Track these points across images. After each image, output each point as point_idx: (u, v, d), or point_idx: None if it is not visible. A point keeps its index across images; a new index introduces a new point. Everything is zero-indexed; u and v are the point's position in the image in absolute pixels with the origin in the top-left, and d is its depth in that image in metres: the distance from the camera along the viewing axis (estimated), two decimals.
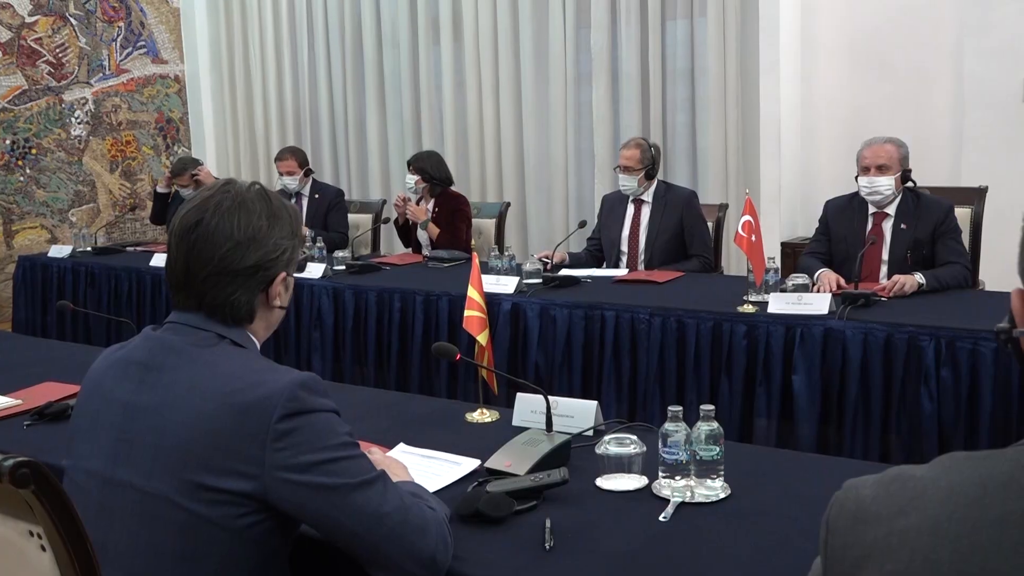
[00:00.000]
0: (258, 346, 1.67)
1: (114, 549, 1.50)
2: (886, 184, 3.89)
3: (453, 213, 5.39)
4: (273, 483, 1.46)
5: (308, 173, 6.00)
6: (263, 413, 1.46)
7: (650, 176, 4.70)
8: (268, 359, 1.64)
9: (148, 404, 1.54)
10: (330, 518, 1.49)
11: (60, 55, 7.17)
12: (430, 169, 5.42)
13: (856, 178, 3.97)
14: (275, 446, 1.46)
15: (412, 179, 5.43)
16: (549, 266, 4.49)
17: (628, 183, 4.66)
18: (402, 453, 2.14)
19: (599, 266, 4.80)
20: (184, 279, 1.60)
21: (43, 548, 1.23)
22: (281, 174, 5.93)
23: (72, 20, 7.20)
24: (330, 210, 5.86)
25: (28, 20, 6.95)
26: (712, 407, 1.88)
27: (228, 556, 1.49)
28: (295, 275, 1.72)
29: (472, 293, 2.52)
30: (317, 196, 5.92)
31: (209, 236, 1.56)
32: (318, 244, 5.02)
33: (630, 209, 4.74)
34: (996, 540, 0.86)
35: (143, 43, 7.63)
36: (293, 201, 5.94)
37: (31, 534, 1.24)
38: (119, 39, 7.48)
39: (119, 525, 1.51)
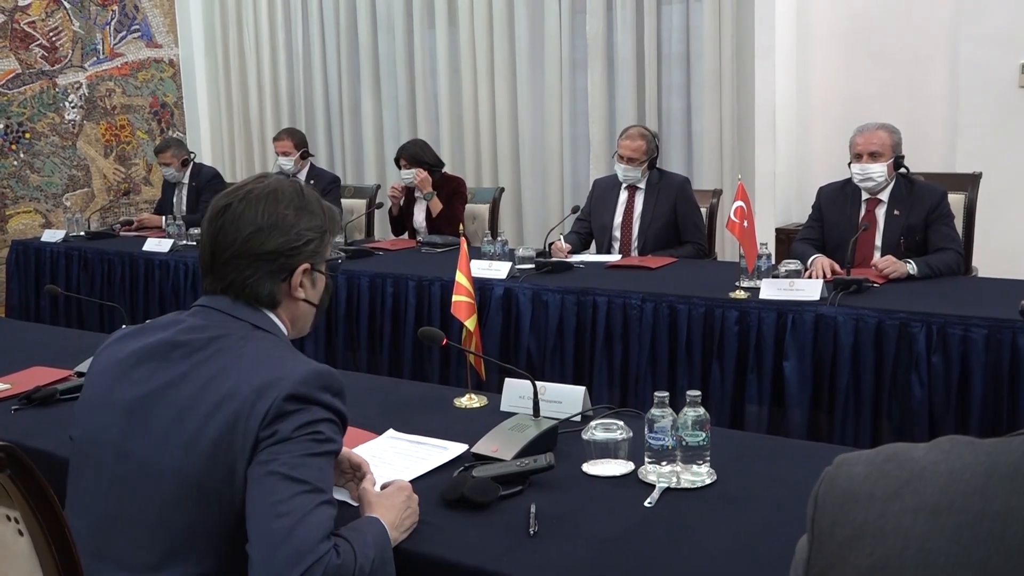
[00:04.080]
0: (287, 335, 1.69)
1: (126, 521, 1.51)
2: (878, 171, 3.88)
3: (451, 195, 5.37)
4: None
5: (305, 156, 5.99)
6: (274, 391, 1.48)
7: (651, 166, 4.69)
8: (294, 348, 1.66)
9: (169, 380, 1.56)
10: (248, 488, 1.46)
11: (54, 39, 7.13)
12: (424, 157, 5.39)
13: (849, 164, 3.96)
14: (272, 420, 1.47)
15: (411, 173, 5.36)
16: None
17: (631, 174, 4.63)
18: (391, 439, 2.14)
19: (585, 249, 4.80)
20: (210, 261, 1.65)
21: (20, 533, 1.23)
22: (278, 154, 5.92)
23: (66, 3, 7.16)
24: (324, 195, 5.83)
25: (21, 3, 6.92)
26: (698, 393, 1.87)
27: (237, 530, 1.47)
28: (330, 273, 1.75)
29: (460, 278, 2.51)
30: (312, 182, 5.90)
31: (235, 220, 1.62)
32: None
33: (623, 195, 4.73)
34: (999, 536, 0.82)
35: (137, 27, 7.60)
36: None
37: (8, 519, 1.23)
38: (113, 23, 7.44)
39: (132, 498, 1.52)
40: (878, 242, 3.94)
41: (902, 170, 3.95)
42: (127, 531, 1.52)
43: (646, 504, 1.76)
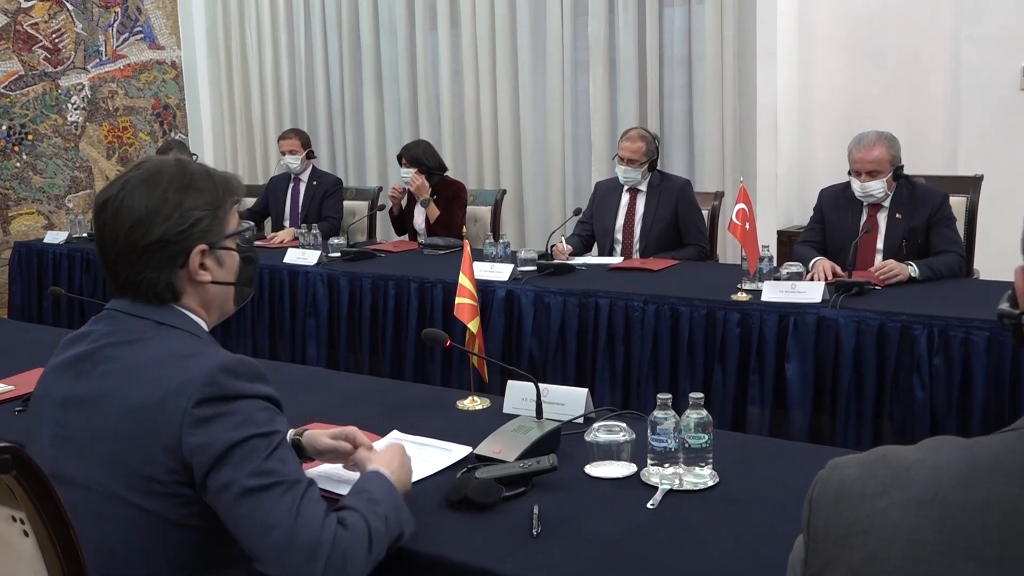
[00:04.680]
0: (203, 325, 1.61)
1: None
2: (878, 187, 3.89)
3: (451, 200, 5.38)
4: (192, 470, 1.42)
5: (310, 156, 6.00)
6: (181, 398, 1.41)
7: (651, 168, 4.70)
8: (207, 341, 1.59)
9: (82, 398, 1.51)
10: (226, 517, 1.42)
11: (56, 40, 7.14)
12: (424, 159, 5.40)
13: (849, 173, 3.97)
14: (190, 431, 1.41)
15: (409, 172, 5.39)
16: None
17: (631, 175, 4.64)
18: (395, 441, 2.14)
19: (587, 251, 4.80)
20: (102, 261, 1.57)
21: (26, 533, 1.23)
22: (284, 153, 5.91)
23: (69, 5, 7.17)
24: (326, 197, 5.85)
25: (24, 5, 6.93)
26: (701, 395, 1.88)
27: (179, 548, 1.45)
28: (241, 247, 1.64)
29: (463, 280, 2.51)
30: (315, 183, 5.92)
31: (114, 215, 1.53)
32: (313, 231, 5.02)
33: (625, 198, 4.74)
34: (980, 524, 0.86)
35: (140, 29, 7.61)
36: (292, 185, 5.93)
37: (13, 519, 1.24)
38: (116, 24, 7.45)
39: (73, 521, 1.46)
40: (880, 245, 3.94)
41: (902, 176, 3.95)
42: None
43: (648, 506, 1.76)
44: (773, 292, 3.46)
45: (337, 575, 1.41)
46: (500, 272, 4.08)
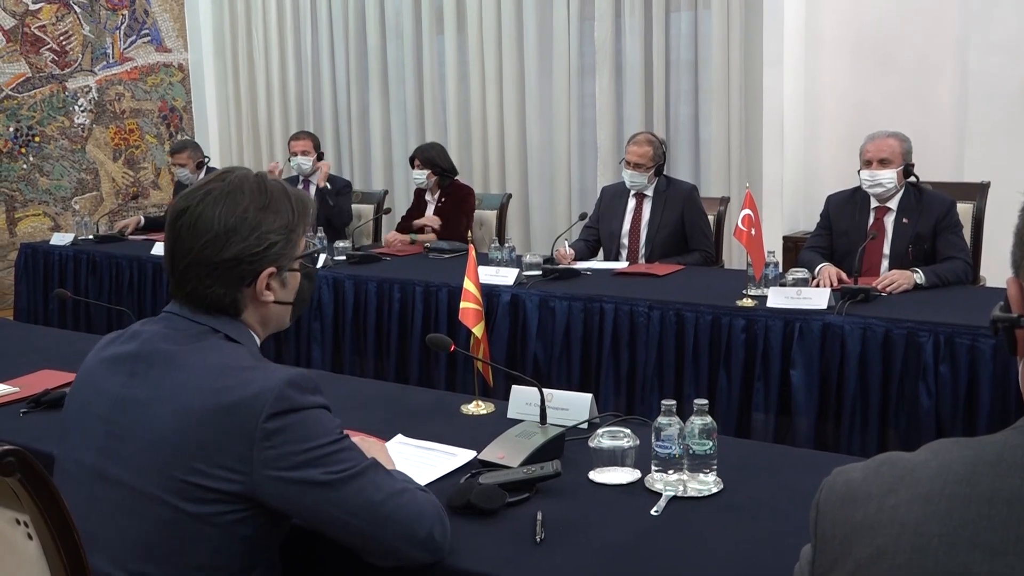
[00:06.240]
0: (257, 340, 1.65)
1: (103, 541, 1.48)
2: (888, 177, 3.88)
3: (457, 203, 5.41)
4: (263, 482, 1.44)
5: (320, 158, 6.00)
6: (251, 412, 1.44)
7: (658, 173, 4.69)
8: (261, 355, 1.62)
9: (138, 398, 1.52)
10: (324, 512, 1.48)
11: (64, 43, 7.16)
12: (438, 161, 5.44)
13: (858, 172, 3.96)
14: (264, 445, 1.44)
15: (422, 174, 5.43)
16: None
17: (637, 180, 4.63)
18: (399, 444, 2.14)
19: (593, 256, 4.80)
20: (170, 267, 1.59)
21: (30, 536, 1.23)
22: (296, 154, 5.87)
23: (76, 8, 7.20)
24: (337, 195, 5.85)
25: (32, 7, 6.95)
26: (706, 401, 1.87)
27: (216, 552, 1.47)
28: (305, 268, 1.69)
29: (468, 285, 2.51)
30: (326, 185, 5.90)
31: (192, 226, 1.54)
32: (319, 235, 5.02)
33: (631, 203, 4.73)
34: (985, 515, 0.88)
35: (147, 31, 7.63)
36: (301, 186, 5.92)
37: (17, 522, 1.24)
38: (123, 27, 7.48)
39: (108, 519, 1.49)
40: (886, 250, 3.93)
41: (911, 179, 3.95)
42: (107, 552, 1.48)
43: (652, 512, 1.75)
44: (778, 298, 3.45)
45: (441, 532, 1.56)
46: (505, 276, 4.07)
